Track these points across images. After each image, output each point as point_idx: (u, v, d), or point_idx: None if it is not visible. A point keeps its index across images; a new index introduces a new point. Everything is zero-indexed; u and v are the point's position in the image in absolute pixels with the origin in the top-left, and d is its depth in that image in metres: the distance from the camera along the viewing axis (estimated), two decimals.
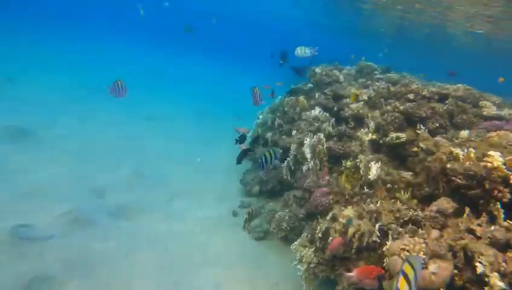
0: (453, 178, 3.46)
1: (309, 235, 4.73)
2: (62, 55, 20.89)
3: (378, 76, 9.19)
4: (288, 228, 5.66)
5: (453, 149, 3.94)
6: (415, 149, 4.84)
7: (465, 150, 3.68)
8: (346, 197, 4.51)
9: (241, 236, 6.19)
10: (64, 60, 19.51)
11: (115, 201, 6.62)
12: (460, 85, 7.11)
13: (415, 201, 4.26)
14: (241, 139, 6.77)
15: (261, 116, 9.69)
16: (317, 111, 6.79)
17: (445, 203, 3.52)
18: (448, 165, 3.60)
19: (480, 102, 5.88)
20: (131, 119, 12.20)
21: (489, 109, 5.52)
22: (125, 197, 6.81)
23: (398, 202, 4.12)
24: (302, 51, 6.27)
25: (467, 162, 3.48)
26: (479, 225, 3.11)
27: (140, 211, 6.52)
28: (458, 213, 3.59)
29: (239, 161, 6.06)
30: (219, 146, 10.77)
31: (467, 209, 3.31)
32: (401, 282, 1.96)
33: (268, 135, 7.81)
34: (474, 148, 3.78)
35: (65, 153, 7.93)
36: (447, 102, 5.51)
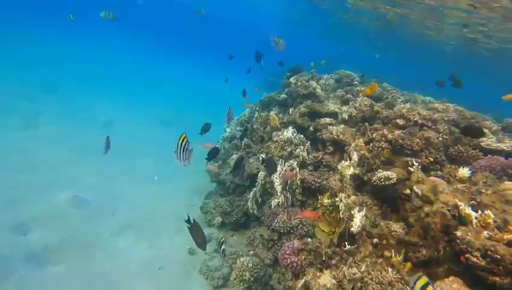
0: (466, 255, 2.55)
1: None
2: (18, 47, 18.84)
3: (358, 88, 8.37)
4: (251, 278, 4.63)
5: (459, 204, 3.05)
6: (407, 191, 3.94)
7: (479, 212, 2.78)
8: (323, 257, 3.53)
9: (196, 284, 5.11)
10: (21, 54, 17.51)
11: (42, 239, 5.33)
12: (449, 105, 6.40)
13: (409, 265, 3.35)
14: (210, 156, 5.47)
15: (228, 129, 8.60)
16: (290, 132, 5.79)
17: (455, 288, 2.61)
18: (459, 234, 2.69)
19: None
20: (86, 126, 10.72)
21: (487, 139, 4.72)
22: (56, 233, 5.52)
23: (389, 269, 3.19)
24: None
25: (485, 232, 2.58)
26: None
27: (73, 252, 5.26)
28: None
29: None
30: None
31: None
32: None
33: (234, 156, 6.73)
34: (487, 206, 2.89)
35: None
36: (441, 130, 4.67)
